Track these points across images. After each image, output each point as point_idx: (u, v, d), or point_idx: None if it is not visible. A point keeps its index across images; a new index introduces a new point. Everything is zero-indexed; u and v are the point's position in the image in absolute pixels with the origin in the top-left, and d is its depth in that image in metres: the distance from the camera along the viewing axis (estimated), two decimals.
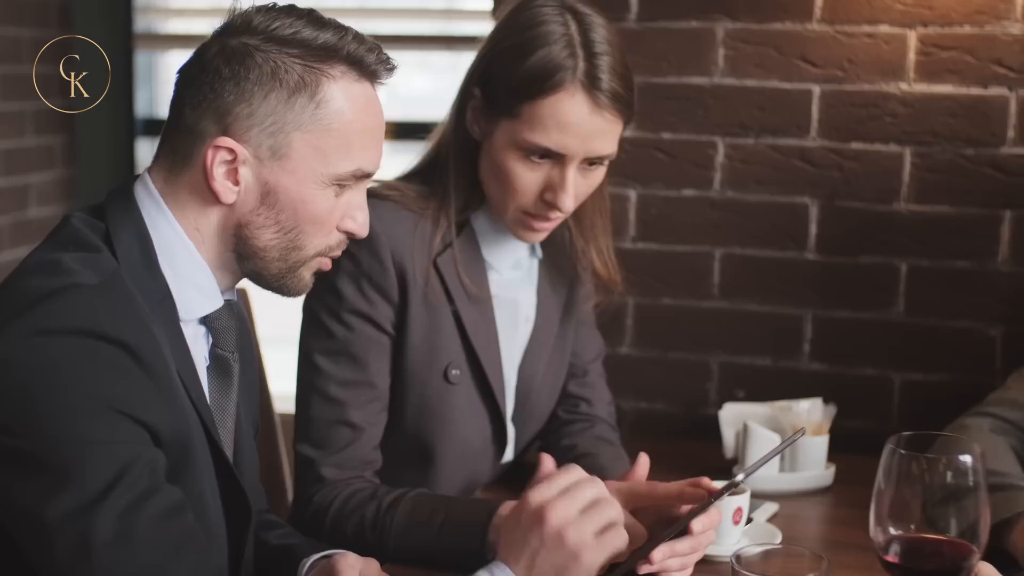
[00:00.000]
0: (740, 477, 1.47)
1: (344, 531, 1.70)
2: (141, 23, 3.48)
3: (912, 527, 1.33)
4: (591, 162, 1.72)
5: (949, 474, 1.32)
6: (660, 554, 1.50)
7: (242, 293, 1.96)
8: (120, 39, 3.40)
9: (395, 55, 1.43)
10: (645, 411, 2.52)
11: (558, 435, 1.99)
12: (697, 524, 1.53)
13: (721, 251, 2.44)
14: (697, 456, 2.11)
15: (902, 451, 1.34)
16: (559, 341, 1.97)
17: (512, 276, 1.89)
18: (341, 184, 1.39)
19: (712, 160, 2.42)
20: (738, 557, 1.34)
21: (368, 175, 1.42)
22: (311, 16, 1.38)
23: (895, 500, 1.33)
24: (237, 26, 1.36)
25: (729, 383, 2.46)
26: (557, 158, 1.70)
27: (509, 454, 1.95)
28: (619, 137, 1.75)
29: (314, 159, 1.36)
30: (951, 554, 1.32)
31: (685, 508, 1.58)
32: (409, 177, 1.86)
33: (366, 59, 1.38)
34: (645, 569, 1.50)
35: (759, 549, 1.38)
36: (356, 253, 1.74)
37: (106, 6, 3.38)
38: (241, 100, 1.33)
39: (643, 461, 1.70)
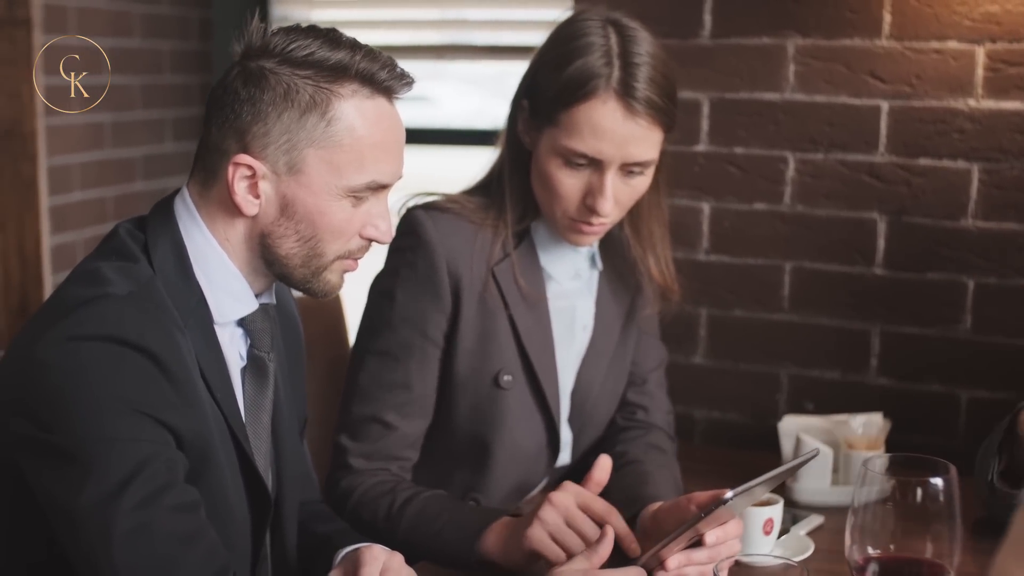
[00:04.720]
0: (729, 495, 1.49)
1: (362, 517, 1.79)
2: None
3: (891, 547, 1.36)
4: (631, 168, 1.77)
5: (921, 494, 1.35)
6: (675, 562, 1.55)
7: None
8: None
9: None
10: (717, 420, 2.56)
11: (612, 441, 2.04)
12: (711, 536, 1.56)
13: (791, 264, 2.46)
14: (763, 465, 2.11)
15: (877, 472, 1.37)
16: (619, 349, 2.01)
17: (571, 286, 1.94)
18: (357, 196, 1.46)
19: (783, 175, 2.43)
20: (734, 562, 1.38)
21: (385, 186, 1.48)
22: (328, 36, 1.44)
23: (871, 521, 1.37)
24: (256, 48, 1.44)
25: (798, 395, 2.47)
26: (596, 164, 1.76)
27: (565, 458, 2.00)
28: (659, 145, 1.79)
29: (328, 173, 1.43)
30: (927, 574, 1.35)
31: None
32: (472, 190, 1.93)
33: (378, 76, 1.44)
34: None
35: (758, 559, 1.42)
36: (414, 262, 1.84)
37: (246, 17, 3.54)
38: (257, 120, 1.41)
39: (603, 464, 1.68)
